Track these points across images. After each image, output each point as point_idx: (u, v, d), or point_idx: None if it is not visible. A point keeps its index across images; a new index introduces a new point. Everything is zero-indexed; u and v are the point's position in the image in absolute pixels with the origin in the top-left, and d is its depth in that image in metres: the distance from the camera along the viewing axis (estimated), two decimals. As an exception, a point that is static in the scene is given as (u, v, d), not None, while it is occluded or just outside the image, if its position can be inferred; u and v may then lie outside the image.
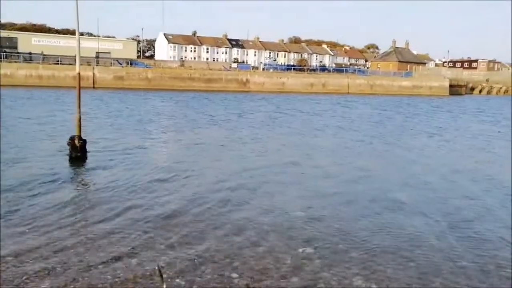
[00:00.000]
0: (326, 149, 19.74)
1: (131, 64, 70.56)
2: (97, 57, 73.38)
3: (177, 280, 6.87)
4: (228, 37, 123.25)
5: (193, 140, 20.63)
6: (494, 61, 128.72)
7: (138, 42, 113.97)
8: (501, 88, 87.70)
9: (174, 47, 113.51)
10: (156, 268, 6.59)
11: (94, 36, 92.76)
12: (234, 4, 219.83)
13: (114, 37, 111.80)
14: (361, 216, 10.30)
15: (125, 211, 10.08)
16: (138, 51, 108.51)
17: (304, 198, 11.60)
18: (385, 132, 26.34)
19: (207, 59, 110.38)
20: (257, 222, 9.64)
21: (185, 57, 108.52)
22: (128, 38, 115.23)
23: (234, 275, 7.14)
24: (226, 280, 6.97)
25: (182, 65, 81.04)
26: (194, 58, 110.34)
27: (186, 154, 17.47)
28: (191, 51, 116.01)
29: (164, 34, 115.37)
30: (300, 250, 8.18)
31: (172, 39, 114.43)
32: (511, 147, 21.44)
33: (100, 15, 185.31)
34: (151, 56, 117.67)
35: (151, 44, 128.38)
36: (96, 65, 63.11)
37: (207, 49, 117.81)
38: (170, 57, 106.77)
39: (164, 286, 5.59)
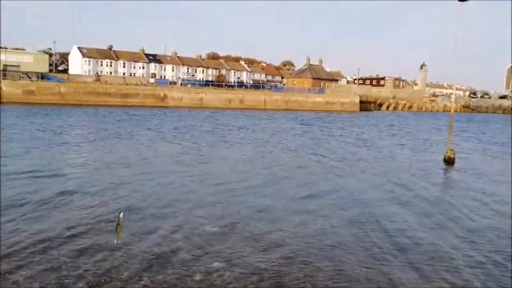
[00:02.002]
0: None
1: (42, 78, 67.76)
2: (4, 70, 69.47)
3: None
4: (146, 52, 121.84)
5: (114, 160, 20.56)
6: (399, 79, 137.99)
7: (50, 55, 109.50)
8: (405, 104, 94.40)
9: (89, 61, 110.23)
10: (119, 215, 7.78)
11: (1, 48, 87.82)
12: (152, 19, 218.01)
13: (23, 50, 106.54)
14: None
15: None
16: (50, 65, 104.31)
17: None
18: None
19: (124, 74, 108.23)
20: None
21: (101, 71, 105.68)
22: (39, 51, 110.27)
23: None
24: None
25: (97, 79, 78.91)
26: (111, 73, 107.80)
27: (95, 174, 17.43)
28: (107, 65, 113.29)
29: (78, 47, 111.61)
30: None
31: (86, 53, 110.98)
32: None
33: (8, 26, 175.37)
34: (65, 70, 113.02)
35: (64, 57, 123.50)
36: (3, 79, 60.02)
37: (124, 63, 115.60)
38: (85, 72, 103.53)
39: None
